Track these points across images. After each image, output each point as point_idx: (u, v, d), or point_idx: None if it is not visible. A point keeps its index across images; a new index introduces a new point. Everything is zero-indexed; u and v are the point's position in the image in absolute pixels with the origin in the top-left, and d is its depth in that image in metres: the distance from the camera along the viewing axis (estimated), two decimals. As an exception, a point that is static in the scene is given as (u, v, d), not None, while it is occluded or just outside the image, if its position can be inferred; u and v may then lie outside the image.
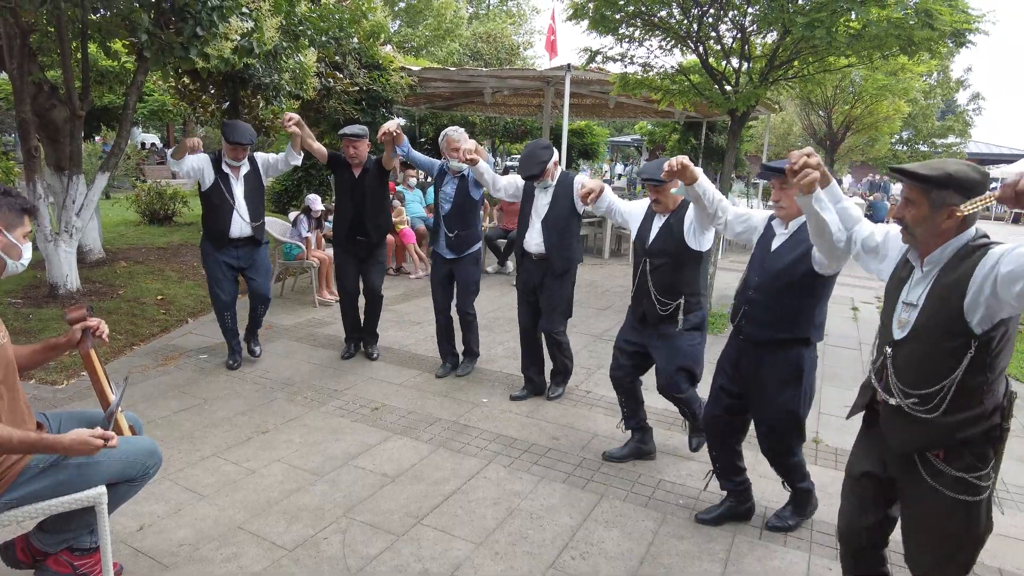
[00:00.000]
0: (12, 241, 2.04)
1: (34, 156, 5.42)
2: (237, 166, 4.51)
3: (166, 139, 25.14)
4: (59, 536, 2.26)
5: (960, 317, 1.77)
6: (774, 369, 2.70)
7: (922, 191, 1.81)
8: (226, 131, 4.39)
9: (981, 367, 1.79)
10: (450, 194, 4.51)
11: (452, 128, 4.44)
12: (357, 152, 4.64)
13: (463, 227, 4.52)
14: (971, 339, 1.77)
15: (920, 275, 1.92)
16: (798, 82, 7.78)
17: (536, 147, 3.97)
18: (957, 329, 1.78)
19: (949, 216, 1.79)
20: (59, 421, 2.37)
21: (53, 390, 4.26)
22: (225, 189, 4.47)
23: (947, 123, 16.64)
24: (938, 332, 1.83)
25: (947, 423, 1.84)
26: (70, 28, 5.41)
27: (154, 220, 10.41)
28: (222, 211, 4.48)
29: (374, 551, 2.72)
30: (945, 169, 1.77)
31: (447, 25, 22.19)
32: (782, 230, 2.68)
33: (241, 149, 4.43)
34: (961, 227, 1.82)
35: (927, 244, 1.87)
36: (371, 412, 4.13)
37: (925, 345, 1.87)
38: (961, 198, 1.75)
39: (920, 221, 1.82)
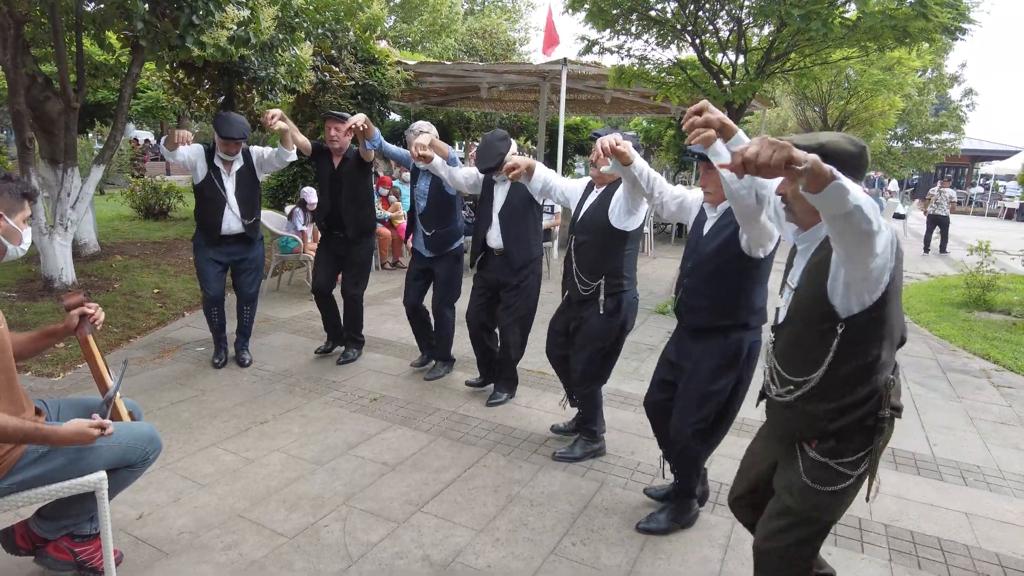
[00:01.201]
0: (13, 226, 2.03)
1: (28, 148, 5.38)
2: (230, 161, 4.36)
3: (160, 136, 25.01)
4: (59, 523, 2.25)
5: (824, 298, 1.73)
6: (711, 354, 2.62)
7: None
8: (218, 125, 4.21)
9: (851, 354, 1.74)
10: (424, 191, 4.35)
11: (415, 126, 4.22)
12: (338, 135, 4.40)
13: (440, 225, 4.33)
14: (837, 323, 1.72)
15: (799, 255, 1.89)
16: (794, 76, 7.81)
17: (493, 138, 3.80)
18: (823, 311, 1.74)
19: None
20: (58, 408, 2.36)
21: (50, 382, 4.24)
22: (218, 184, 4.34)
23: (941, 119, 16.69)
24: (807, 314, 1.79)
25: (819, 411, 1.81)
26: (64, 19, 5.38)
27: (149, 215, 10.38)
28: (214, 206, 4.34)
29: (375, 538, 2.72)
30: (817, 139, 1.72)
31: (442, 20, 22.14)
32: (712, 213, 2.63)
33: (233, 144, 4.26)
34: None
35: (806, 220, 1.83)
36: (370, 403, 4.12)
37: (797, 328, 1.84)
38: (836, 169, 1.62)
39: (798, 196, 1.67)
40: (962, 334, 6.33)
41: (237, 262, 4.54)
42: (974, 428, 4.15)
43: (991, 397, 4.74)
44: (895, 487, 3.33)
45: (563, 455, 3.46)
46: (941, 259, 12.38)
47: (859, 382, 1.77)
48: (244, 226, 4.45)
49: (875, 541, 2.85)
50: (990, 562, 2.73)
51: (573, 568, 2.58)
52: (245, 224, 4.45)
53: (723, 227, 2.54)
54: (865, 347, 1.74)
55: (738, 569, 2.61)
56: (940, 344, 6.10)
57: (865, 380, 1.77)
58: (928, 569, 2.67)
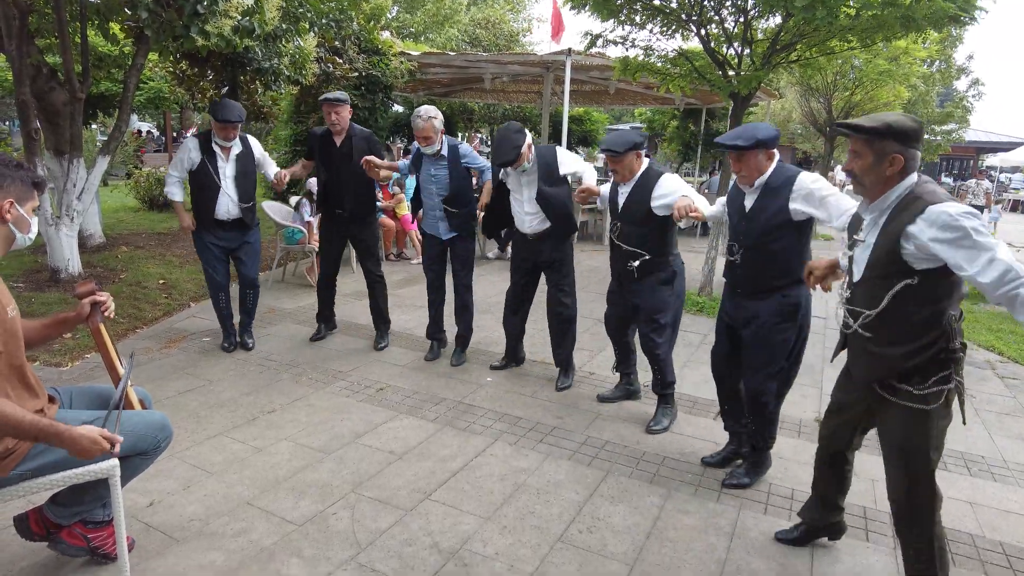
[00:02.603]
0: (22, 214, 2.04)
1: (34, 139, 5.39)
2: (228, 146, 4.40)
3: (163, 127, 24.99)
4: (72, 509, 2.28)
5: (900, 259, 2.00)
6: (772, 309, 2.87)
7: (866, 143, 2.02)
8: (214, 110, 4.28)
9: (924, 301, 2.01)
10: (440, 177, 4.33)
11: (422, 111, 4.19)
12: (339, 118, 4.47)
13: (463, 204, 4.41)
14: (913, 275, 1.99)
15: (869, 221, 2.14)
16: (799, 67, 7.77)
17: (509, 131, 3.85)
18: (900, 268, 2.01)
19: (891, 164, 2.00)
20: (70, 395, 2.38)
21: (58, 371, 4.27)
22: (212, 169, 4.37)
23: (947, 109, 16.57)
24: (885, 269, 2.05)
25: (897, 353, 2.07)
26: (68, 9, 5.37)
27: (153, 206, 10.40)
28: (208, 191, 4.38)
29: (383, 525, 2.74)
30: (884, 120, 1.99)
31: (445, 11, 22.02)
32: (749, 190, 2.86)
33: (231, 128, 4.31)
34: (903, 173, 2.03)
35: (874, 191, 2.08)
36: (376, 392, 4.14)
37: (876, 280, 2.08)
38: (900, 145, 1.98)
39: (867, 170, 2.04)
40: (967, 325, 6.31)
41: (236, 247, 4.60)
42: (979, 419, 4.16)
43: (996, 388, 4.75)
44: (900, 477, 3.34)
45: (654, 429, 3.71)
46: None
47: (930, 327, 2.02)
48: (241, 210, 4.49)
49: (880, 530, 2.86)
50: (994, 551, 2.75)
51: (580, 555, 2.60)
52: (242, 208, 4.50)
53: (767, 203, 2.78)
54: (936, 293, 2.00)
55: (743, 557, 2.62)
56: (945, 335, 6.10)
57: (936, 323, 2.01)
58: (933, 557, 2.68)
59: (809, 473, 3.30)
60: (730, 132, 2.84)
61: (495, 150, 3.91)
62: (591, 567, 2.53)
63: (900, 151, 1.98)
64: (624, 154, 3.37)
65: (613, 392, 4.13)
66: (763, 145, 2.72)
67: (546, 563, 2.54)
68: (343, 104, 4.49)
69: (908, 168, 2.01)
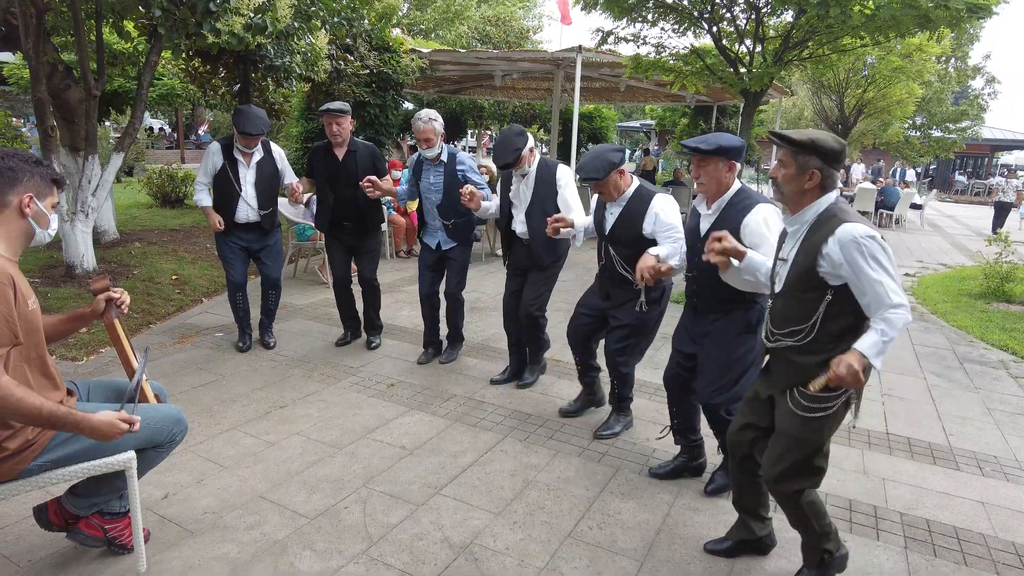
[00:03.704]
0: (42, 210, 2.08)
1: (50, 136, 5.45)
2: (249, 152, 4.43)
3: (175, 123, 25.19)
4: (90, 500, 2.31)
5: (817, 275, 2.10)
6: (728, 327, 2.81)
7: (791, 153, 2.14)
8: (237, 120, 4.28)
9: (840, 314, 2.11)
10: (438, 183, 4.31)
11: (423, 113, 4.17)
12: (340, 129, 4.41)
13: (459, 214, 4.32)
14: (829, 290, 2.11)
15: (790, 235, 2.25)
16: (811, 64, 7.73)
17: (510, 133, 3.83)
18: (816, 284, 2.11)
19: (810, 178, 2.11)
20: (88, 389, 2.42)
21: (74, 366, 4.33)
22: (232, 175, 4.39)
23: (961, 107, 16.42)
24: (803, 284, 2.15)
25: (812, 362, 2.15)
26: (83, 7, 5.42)
27: (166, 203, 10.48)
28: (228, 197, 4.41)
29: (394, 519, 2.76)
30: (810, 136, 2.11)
31: (456, 8, 22.04)
32: (706, 211, 2.78)
33: (253, 139, 4.34)
34: (821, 189, 2.13)
35: (795, 203, 2.19)
36: (387, 388, 4.17)
37: (793, 294, 2.19)
38: (821, 163, 2.09)
39: (788, 180, 2.16)
40: (980, 325, 6.28)
41: (258, 249, 4.63)
42: (991, 418, 4.13)
43: (1009, 388, 4.72)
44: (911, 476, 3.34)
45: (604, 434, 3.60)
46: (959, 250, 12.26)
47: (845, 339, 2.10)
48: (260, 216, 4.51)
49: (891, 529, 2.86)
50: (1006, 551, 2.74)
51: (590, 551, 2.61)
52: (261, 215, 4.51)
53: (723, 228, 2.66)
54: (853, 307, 2.09)
55: (754, 555, 2.63)
56: (957, 335, 6.06)
57: (852, 335, 2.09)
58: (944, 557, 2.68)
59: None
60: (697, 137, 2.80)
61: (496, 152, 3.88)
62: (601, 563, 2.55)
63: (820, 167, 2.10)
64: (605, 179, 3.22)
65: (574, 404, 3.88)
66: (724, 153, 2.63)
67: (556, 558, 2.56)
68: (344, 115, 4.43)
69: (826, 185, 2.14)
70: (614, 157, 3.22)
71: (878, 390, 4.54)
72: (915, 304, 7.28)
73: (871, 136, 15.43)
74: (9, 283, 1.88)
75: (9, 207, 2.00)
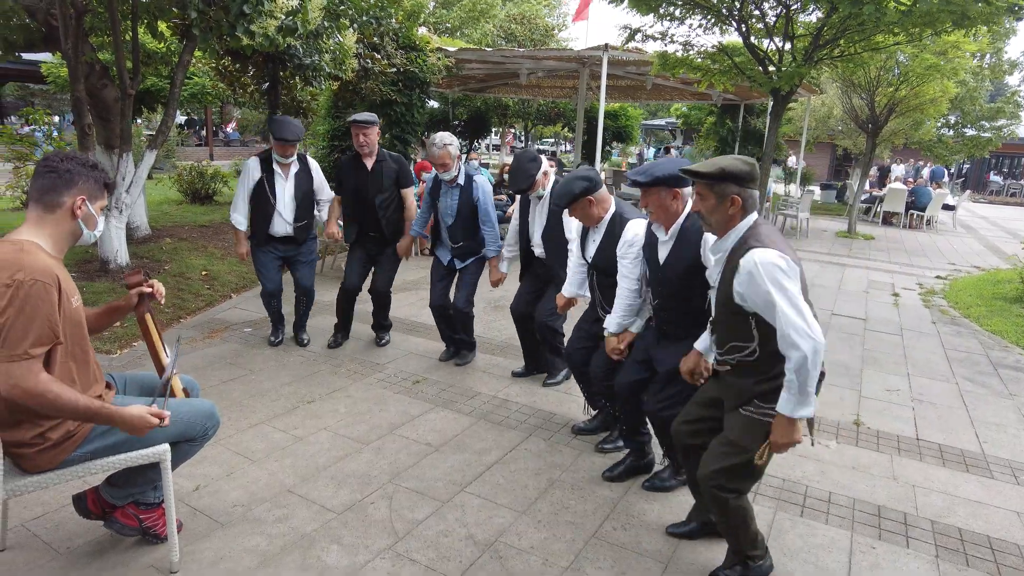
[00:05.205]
0: (92, 212, 2.14)
1: (87, 134, 5.58)
2: (287, 163, 4.48)
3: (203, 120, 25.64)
4: (126, 490, 2.38)
5: (734, 302, 2.13)
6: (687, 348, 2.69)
7: (706, 185, 2.17)
8: (272, 127, 4.35)
9: (767, 337, 2.10)
10: (452, 206, 4.32)
11: (438, 139, 4.19)
12: (367, 139, 4.44)
13: (467, 237, 4.36)
14: (749, 315, 2.13)
15: (716, 261, 2.29)
16: (842, 62, 7.60)
17: (524, 159, 3.91)
18: (737, 309, 2.14)
19: (732, 204, 2.15)
20: (124, 382, 2.48)
21: (108, 359, 4.43)
22: (269, 188, 4.46)
23: (997, 105, 15.98)
24: (727, 309, 2.19)
25: (748, 383, 2.19)
26: (120, 8, 5.54)
27: (195, 199, 10.67)
28: (264, 210, 4.48)
29: (420, 516, 2.79)
30: (719, 164, 2.15)
31: (481, 6, 22.07)
32: (663, 236, 2.77)
33: (289, 146, 4.39)
34: (744, 212, 2.17)
35: (721, 230, 2.23)
36: (413, 385, 4.21)
37: (725, 319, 2.23)
38: (738, 187, 2.13)
39: (711, 211, 2.20)
40: (1016, 329, 6.13)
41: (292, 256, 4.70)
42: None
43: (1045, 395, 4.60)
44: (942, 483, 3.28)
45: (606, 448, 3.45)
46: (993, 252, 11.97)
47: (776, 362, 2.10)
48: (293, 229, 4.58)
49: (921, 537, 2.81)
50: (1042, 562, 2.68)
51: (614, 552, 2.62)
52: (295, 228, 4.58)
53: (681, 254, 2.70)
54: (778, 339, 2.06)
55: (779, 559, 2.61)
56: (991, 339, 5.93)
57: (782, 360, 2.07)
58: (976, 567, 2.63)
59: (847, 476, 3.28)
60: (637, 168, 2.82)
61: (511, 178, 3.96)
62: (625, 563, 2.55)
63: (738, 192, 2.14)
64: (573, 204, 3.19)
65: (590, 423, 3.70)
66: (662, 182, 2.63)
67: (581, 559, 2.56)
68: (372, 126, 4.45)
69: (747, 207, 2.17)
70: (576, 189, 3.14)
71: (908, 395, 4.46)
72: (947, 307, 7.13)
73: (902, 135, 15.11)
74: (54, 283, 1.94)
75: (62, 208, 2.06)
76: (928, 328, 6.25)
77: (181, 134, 17.19)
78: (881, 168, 20.99)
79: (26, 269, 1.90)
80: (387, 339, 5.01)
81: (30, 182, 2.13)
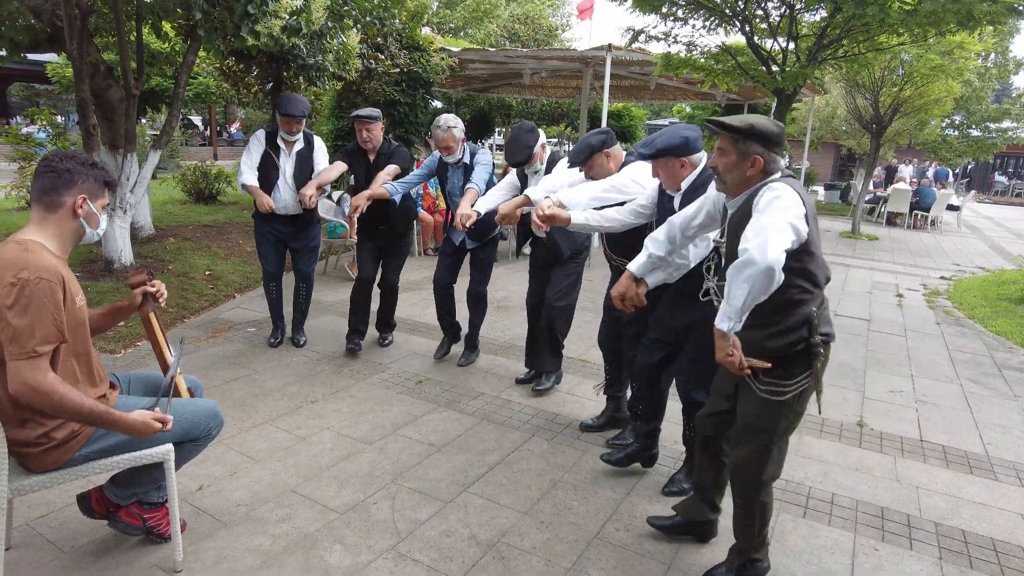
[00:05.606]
0: (94, 211, 2.15)
1: (92, 134, 5.60)
2: (291, 141, 4.50)
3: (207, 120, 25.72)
4: (130, 490, 2.38)
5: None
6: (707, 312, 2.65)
7: (731, 140, 2.09)
8: (279, 103, 4.39)
9: (780, 287, 1.96)
10: (459, 185, 4.29)
11: (442, 120, 4.12)
12: (371, 135, 4.44)
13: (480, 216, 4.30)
14: None
15: (731, 214, 2.22)
16: (846, 63, 7.58)
17: (521, 131, 3.81)
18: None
19: (752, 165, 2.08)
20: (128, 382, 2.50)
21: (112, 358, 4.45)
22: (273, 164, 4.48)
23: (1003, 106, 15.91)
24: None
25: (760, 336, 2.12)
26: (125, 9, 5.55)
27: (199, 199, 10.69)
28: (267, 185, 4.47)
29: (423, 516, 2.80)
30: (749, 121, 2.07)
31: (485, 6, 22.08)
32: (674, 194, 2.81)
33: (295, 122, 4.39)
34: (764, 174, 2.10)
35: (736, 190, 2.16)
36: (415, 385, 4.21)
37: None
38: (762, 148, 2.06)
39: (729, 168, 2.11)
40: (1020, 331, 6.11)
41: (294, 239, 4.69)
42: (1031, 428, 4.03)
43: (1050, 396, 4.58)
44: (946, 485, 3.27)
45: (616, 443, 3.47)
46: (998, 253, 11.93)
47: (787, 312, 2.08)
48: (292, 207, 4.55)
49: (925, 539, 2.80)
50: (1046, 564, 2.67)
51: (617, 553, 2.62)
52: (294, 205, 4.55)
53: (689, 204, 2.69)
54: (793, 279, 2.03)
55: (781, 560, 2.60)
56: (996, 341, 5.91)
57: (792, 310, 2.08)
58: (980, 569, 2.63)
59: (850, 477, 3.28)
60: (643, 140, 2.84)
61: (508, 151, 3.85)
62: (628, 565, 2.55)
63: (762, 153, 2.07)
64: (592, 158, 3.22)
65: (597, 420, 3.71)
66: (668, 152, 2.67)
67: (583, 559, 2.57)
68: (375, 121, 4.45)
69: (768, 170, 2.10)
70: (594, 140, 3.23)
71: (911, 396, 4.45)
72: (951, 308, 7.11)
73: (906, 136, 15.06)
74: (59, 282, 1.95)
75: (63, 207, 2.07)
76: (932, 329, 6.23)
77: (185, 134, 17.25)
78: (889, 169, 20.90)
79: (31, 268, 1.91)
80: (390, 339, 5.02)
81: (31, 182, 2.14)
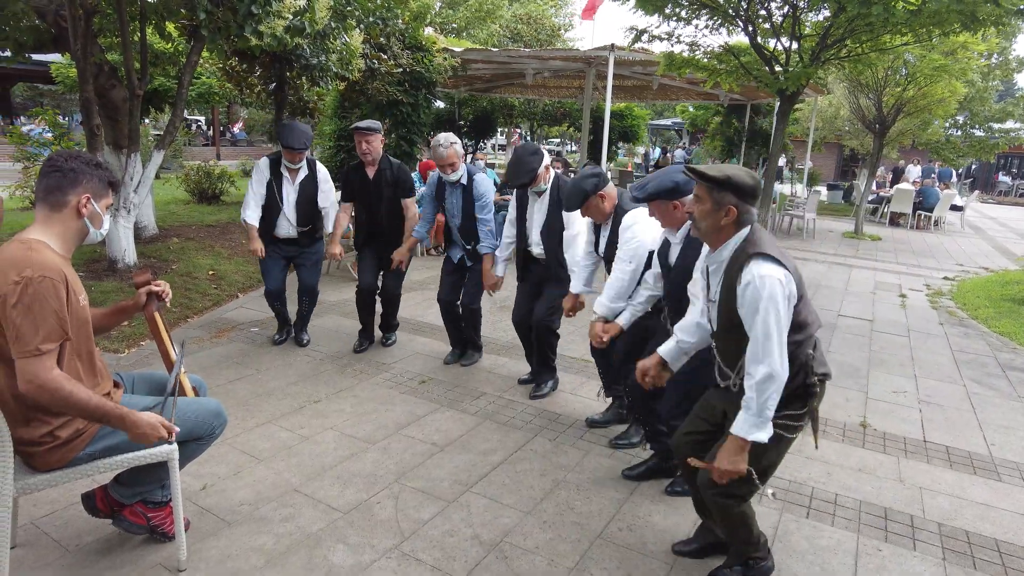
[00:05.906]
0: (97, 211, 2.16)
1: (96, 134, 5.62)
2: (295, 168, 4.53)
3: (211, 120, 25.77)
4: (134, 489, 2.39)
5: (736, 312, 2.09)
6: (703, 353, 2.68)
7: (707, 189, 2.14)
8: (280, 135, 4.39)
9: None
10: (458, 205, 4.31)
11: (443, 139, 4.14)
12: (370, 147, 4.44)
13: (477, 236, 4.32)
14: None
15: (712, 273, 2.26)
16: (849, 63, 7.57)
17: (524, 153, 3.80)
18: (738, 321, 2.09)
19: (727, 214, 2.12)
20: (132, 381, 2.50)
21: (116, 358, 4.46)
22: (277, 191, 4.53)
23: (1006, 106, 15.86)
24: (731, 322, 2.14)
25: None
26: (128, 9, 5.57)
27: (202, 199, 10.70)
28: (271, 212, 4.55)
29: (426, 516, 2.80)
30: (725, 172, 2.12)
31: (487, 6, 22.08)
32: (674, 239, 2.83)
33: (297, 154, 4.42)
34: (737, 225, 2.15)
35: (711, 239, 2.21)
36: (419, 385, 4.22)
37: (726, 332, 2.19)
38: (736, 199, 2.10)
39: (705, 216, 2.16)
40: (1019, 328, 6.09)
41: (297, 256, 4.74)
42: (1036, 429, 4.02)
43: (1054, 397, 4.57)
44: (950, 486, 3.26)
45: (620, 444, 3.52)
46: (1002, 253, 11.90)
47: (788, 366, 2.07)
48: (297, 233, 4.62)
49: (928, 540, 2.80)
50: (1050, 565, 2.66)
51: (620, 553, 2.62)
52: (299, 232, 4.62)
53: (689, 255, 2.70)
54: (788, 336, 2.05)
55: (784, 560, 2.60)
56: (1000, 341, 5.90)
57: (792, 361, 2.08)
58: (984, 570, 2.62)
59: (854, 478, 3.27)
60: (637, 182, 2.88)
61: (510, 172, 3.84)
62: (631, 564, 2.55)
63: (736, 204, 2.11)
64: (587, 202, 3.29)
65: (604, 415, 3.78)
66: (660, 195, 2.71)
67: (586, 559, 2.57)
68: (375, 133, 4.44)
69: (742, 220, 2.15)
70: (587, 185, 3.25)
71: (915, 397, 4.44)
72: (954, 309, 7.10)
73: (909, 136, 15.02)
74: (63, 281, 1.96)
75: (67, 207, 2.08)
76: (935, 329, 6.22)
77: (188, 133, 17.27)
78: (895, 169, 20.84)
79: (34, 266, 1.91)
80: (393, 339, 5.03)
81: (36, 182, 2.15)
